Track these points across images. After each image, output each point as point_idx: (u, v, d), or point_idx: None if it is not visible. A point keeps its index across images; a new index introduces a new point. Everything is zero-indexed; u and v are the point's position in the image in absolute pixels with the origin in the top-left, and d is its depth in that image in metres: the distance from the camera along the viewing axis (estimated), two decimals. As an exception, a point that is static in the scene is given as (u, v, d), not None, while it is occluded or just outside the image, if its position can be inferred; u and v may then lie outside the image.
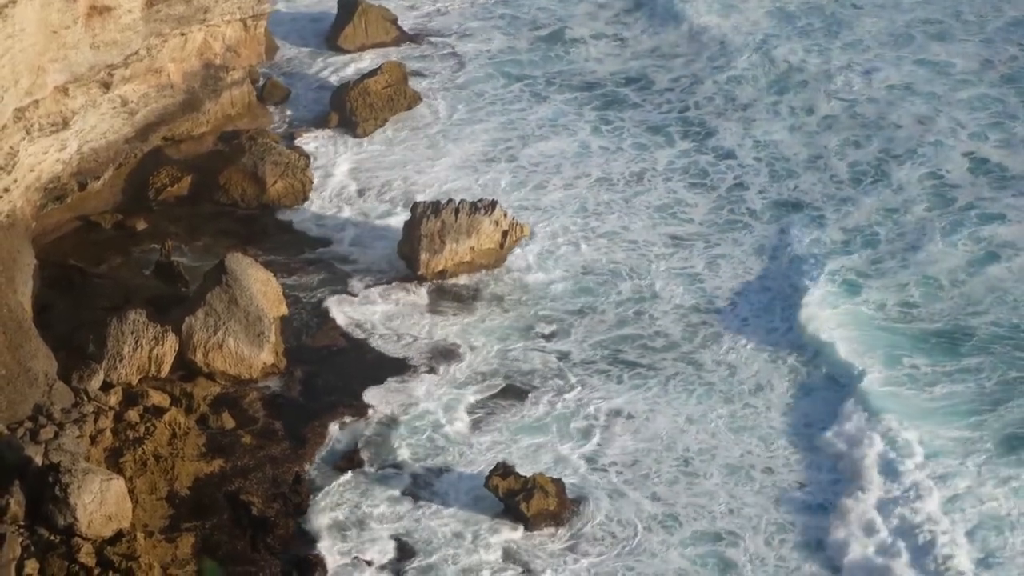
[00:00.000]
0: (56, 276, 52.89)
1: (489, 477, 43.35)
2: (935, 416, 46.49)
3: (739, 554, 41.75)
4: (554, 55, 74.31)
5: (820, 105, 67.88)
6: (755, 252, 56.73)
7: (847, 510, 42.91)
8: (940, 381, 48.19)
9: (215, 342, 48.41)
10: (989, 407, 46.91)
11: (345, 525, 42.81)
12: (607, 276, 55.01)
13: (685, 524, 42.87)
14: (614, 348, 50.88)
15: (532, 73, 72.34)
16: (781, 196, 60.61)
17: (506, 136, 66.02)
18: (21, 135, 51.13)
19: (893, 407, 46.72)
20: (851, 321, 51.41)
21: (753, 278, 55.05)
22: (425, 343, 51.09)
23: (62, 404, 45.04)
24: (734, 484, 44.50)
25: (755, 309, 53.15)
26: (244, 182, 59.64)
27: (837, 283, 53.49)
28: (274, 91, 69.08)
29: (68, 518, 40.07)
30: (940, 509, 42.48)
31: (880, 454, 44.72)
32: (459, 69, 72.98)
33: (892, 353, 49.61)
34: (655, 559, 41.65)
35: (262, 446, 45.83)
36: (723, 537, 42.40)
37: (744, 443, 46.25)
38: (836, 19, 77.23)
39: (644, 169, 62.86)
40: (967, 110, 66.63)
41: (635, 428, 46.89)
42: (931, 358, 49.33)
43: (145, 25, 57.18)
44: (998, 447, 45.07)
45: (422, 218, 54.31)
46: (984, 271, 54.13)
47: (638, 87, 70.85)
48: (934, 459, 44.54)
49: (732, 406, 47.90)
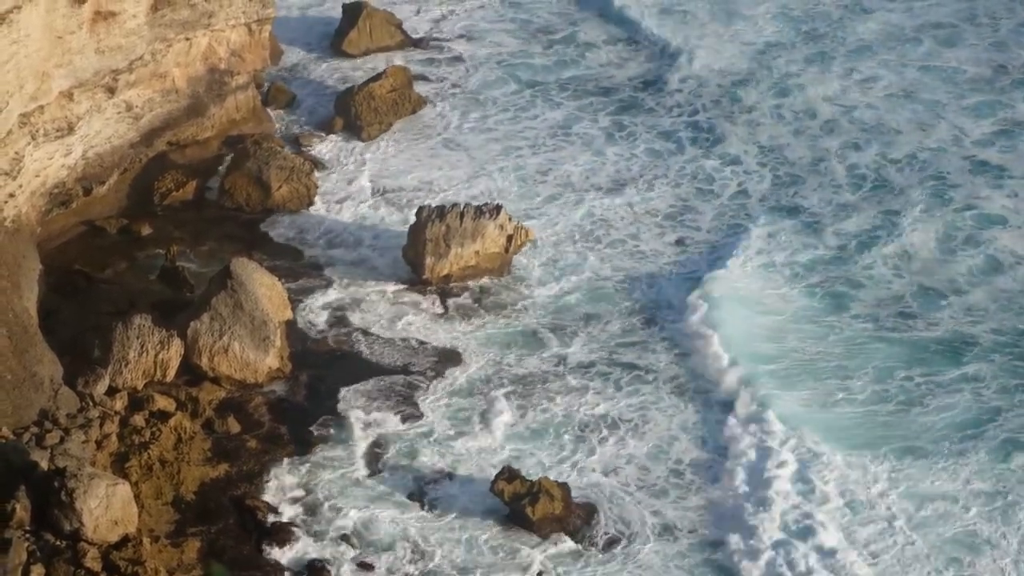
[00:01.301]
0: (61, 281, 52.89)
1: (495, 481, 43.33)
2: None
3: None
4: (562, 59, 74.43)
5: (821, 110, 67.94)
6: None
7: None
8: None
9: (220, 346, 48.42)
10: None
11: (350, 530, 42.75)
12: (613, 283, 55.00)
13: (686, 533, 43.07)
14: (617, 354, 50.87)
15: (541, 79, 72.35)
16: (780, 202, 60.77)
17: (510, 141, 66.10)
18: (26, 140, 51.16)
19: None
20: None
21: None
22: (430, 348, 51.06)
23: (68, 409, 45.03)
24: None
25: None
26: (249, 187, 59.66)
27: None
28: (279, 96, 69.13)
29: (74, 523, 40.04)
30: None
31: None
32: (464, 73, 73.03)
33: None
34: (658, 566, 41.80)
35: (267, 450, 45.84)
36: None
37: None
38: (842, 24, 77.38)
39: (656, 176, 62.92)
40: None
41: (639, 434, 46.85)
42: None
43: (150, 30, 57.19)
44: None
45: (427, 222, 54.32)
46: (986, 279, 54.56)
47: (649, 92, 70.96)
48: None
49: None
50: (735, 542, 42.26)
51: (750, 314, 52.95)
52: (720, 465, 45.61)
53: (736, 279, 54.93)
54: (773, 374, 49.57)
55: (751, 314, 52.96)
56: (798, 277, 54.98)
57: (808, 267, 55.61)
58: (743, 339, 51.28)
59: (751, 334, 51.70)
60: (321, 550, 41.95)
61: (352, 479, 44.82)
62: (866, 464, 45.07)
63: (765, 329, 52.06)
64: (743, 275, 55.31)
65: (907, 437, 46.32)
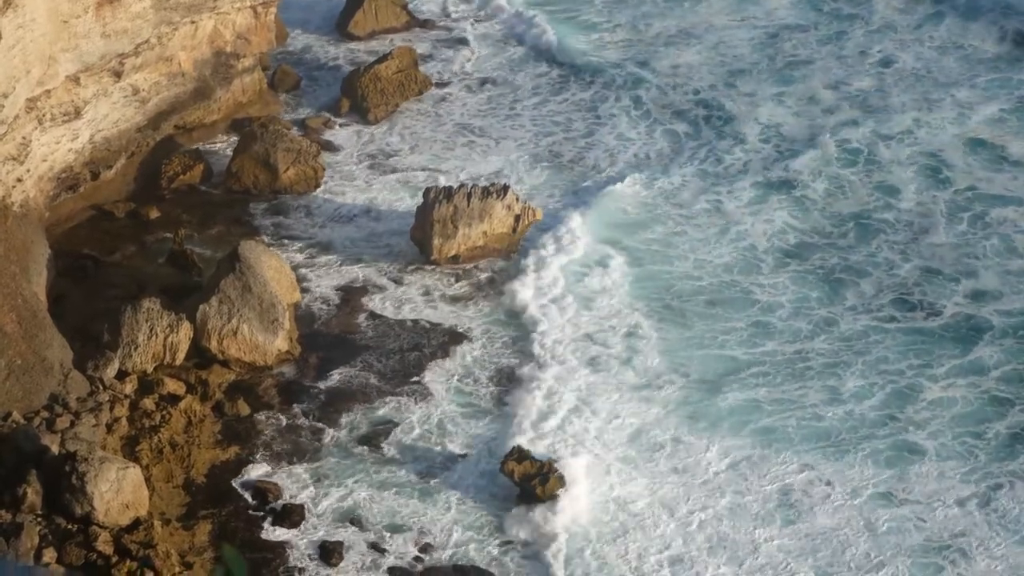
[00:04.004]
0: (70, 266, 52.95)
1: (504, 462, 43.37)
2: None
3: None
4: (567, 41, 74.31)
5: (822, 94, 67.76)
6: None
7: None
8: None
9: (229, 329, 48.46)
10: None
11: (361, 511, 42.85)
12: (621, 266, 54.92)
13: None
14: (628, 337, 50.84)
15: (546, 59, 72.31)
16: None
17: (516, 121, 66.03)
18: (33, 125, 51.18)
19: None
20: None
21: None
22: (438, 329, 51.07)
23: (78, 393, 45.14)
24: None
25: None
26: (256, 169, 59.63)
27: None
28: (285, 78, 69.06)
29: (85, 507, 40.19)
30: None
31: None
32: (470, 54, 72.91)
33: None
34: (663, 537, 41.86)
35: (277, 432, 45.90)
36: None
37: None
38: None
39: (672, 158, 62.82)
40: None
41: (648, 416, 46.75)
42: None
43: (155, 13, 57.14)
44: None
45: (434, 203, 54.28)
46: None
47: (656, 71, 70.68)
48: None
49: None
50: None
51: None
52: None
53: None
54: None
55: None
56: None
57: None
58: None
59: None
60: (332, 532, 42.07)
61: (362, 461, 44.88)
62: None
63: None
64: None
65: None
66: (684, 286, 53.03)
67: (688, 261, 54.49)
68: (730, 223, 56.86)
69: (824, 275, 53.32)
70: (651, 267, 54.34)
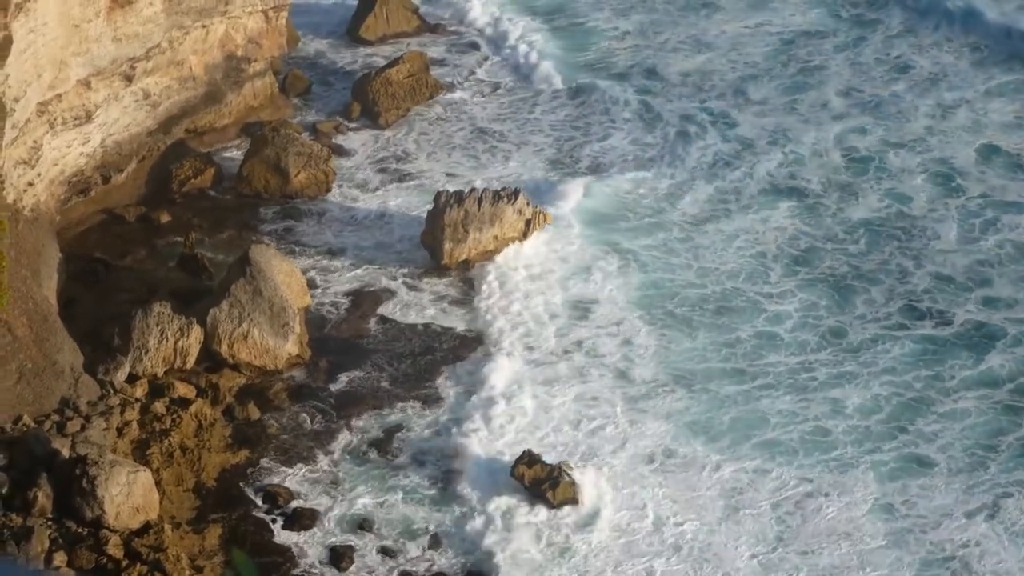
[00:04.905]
0: (81, 269, 52.98)
1: (515, 466, 43.28)
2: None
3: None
4: (580, 46, 74.27)
5: (835, 100, 67.65)
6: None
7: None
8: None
9: (240, 333, 48.46)
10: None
11: (372, 515, 42.79)
12: (624, 272, 54.86)
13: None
14: (628, 345, 50.68)
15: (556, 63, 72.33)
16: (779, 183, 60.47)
17: (530, 125, 66.03)
18: (44, 129, 51.24)
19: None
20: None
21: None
22: (449, 333, 51.02)
23: (88, 397, 45.14)
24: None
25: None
26: (267, 173, 59.64)
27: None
28: (296, 82, 69.11)
29: (96, 510, 40.16)
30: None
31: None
32: (481, 58, 72.92)
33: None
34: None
35: (288, 436, 45.88)
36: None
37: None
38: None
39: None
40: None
41: (647, 427, 46.39)
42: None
43: (167, 18, 57.22)
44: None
45: (445, 207, 54.25)
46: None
47: (665, 78, 70.60)
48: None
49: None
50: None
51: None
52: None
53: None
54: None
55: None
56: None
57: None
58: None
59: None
60: (343, 536, 42.01)
61: (373, 465, 44.82)
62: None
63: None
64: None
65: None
66: (688, 293, 52.84)
67: (691, 270, 54.24)
68: (738, 230, 56.72)
69: (834, 283, 53.12)
70: (654, 274, 54.14)
